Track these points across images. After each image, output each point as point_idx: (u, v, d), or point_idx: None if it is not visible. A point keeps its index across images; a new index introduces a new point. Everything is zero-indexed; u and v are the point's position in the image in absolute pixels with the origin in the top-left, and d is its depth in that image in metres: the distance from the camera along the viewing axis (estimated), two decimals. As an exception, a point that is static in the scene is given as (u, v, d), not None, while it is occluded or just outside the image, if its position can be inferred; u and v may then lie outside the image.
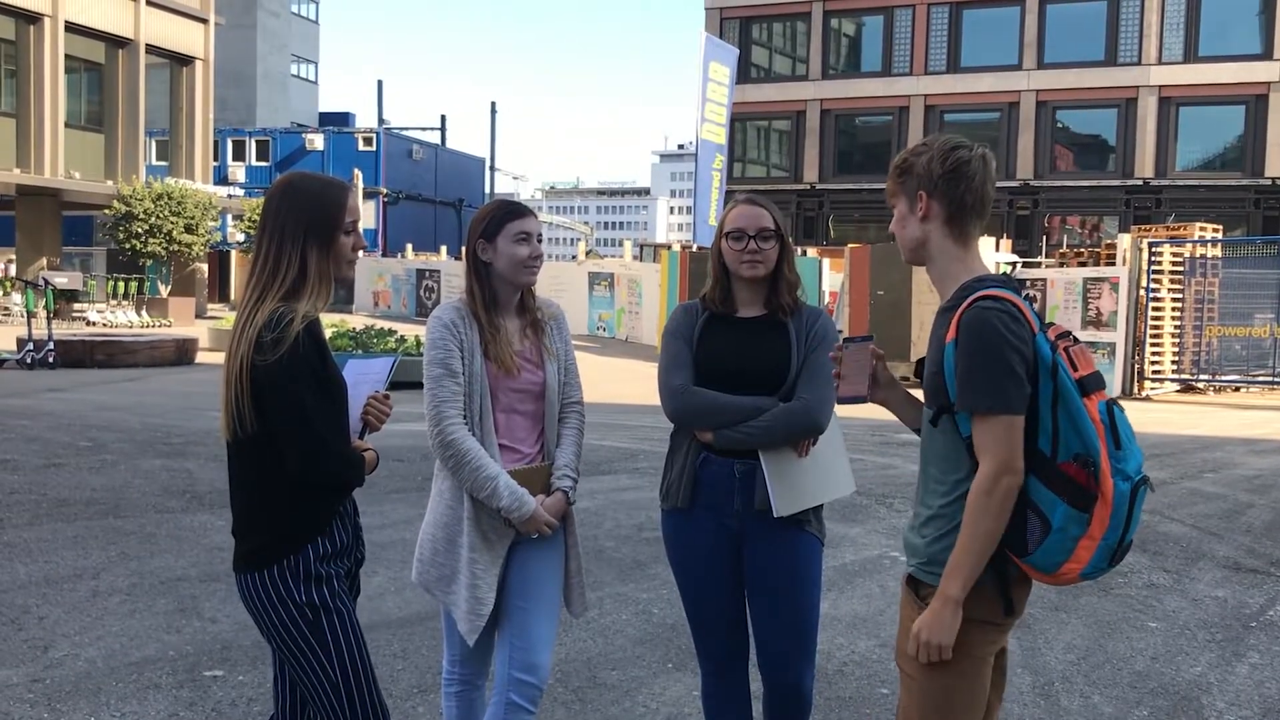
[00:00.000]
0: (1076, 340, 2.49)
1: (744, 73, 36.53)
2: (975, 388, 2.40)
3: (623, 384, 17.80)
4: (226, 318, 28.08)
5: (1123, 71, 35.48)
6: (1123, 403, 15.51)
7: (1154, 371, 18.73)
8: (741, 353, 3.24)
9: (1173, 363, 19.02)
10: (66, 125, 31.87)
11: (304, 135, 52.23)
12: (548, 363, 3.32)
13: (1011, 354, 2.38)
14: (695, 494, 3.27)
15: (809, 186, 39.24)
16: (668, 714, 4.50)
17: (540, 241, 3.32)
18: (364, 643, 2.77)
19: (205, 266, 36.45)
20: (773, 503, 3.19)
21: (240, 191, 43.25)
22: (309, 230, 2.71)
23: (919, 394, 2.79)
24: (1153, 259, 18.64)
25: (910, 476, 9.60)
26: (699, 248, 26.30)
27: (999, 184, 35.56)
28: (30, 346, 18.10)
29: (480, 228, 3.26)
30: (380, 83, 60.07)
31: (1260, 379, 18.95)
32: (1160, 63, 35.10)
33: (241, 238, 39.63)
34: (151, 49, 34.12)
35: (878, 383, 2.78)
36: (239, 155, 51.71)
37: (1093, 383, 2.41)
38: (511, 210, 3.30)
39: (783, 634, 3.29)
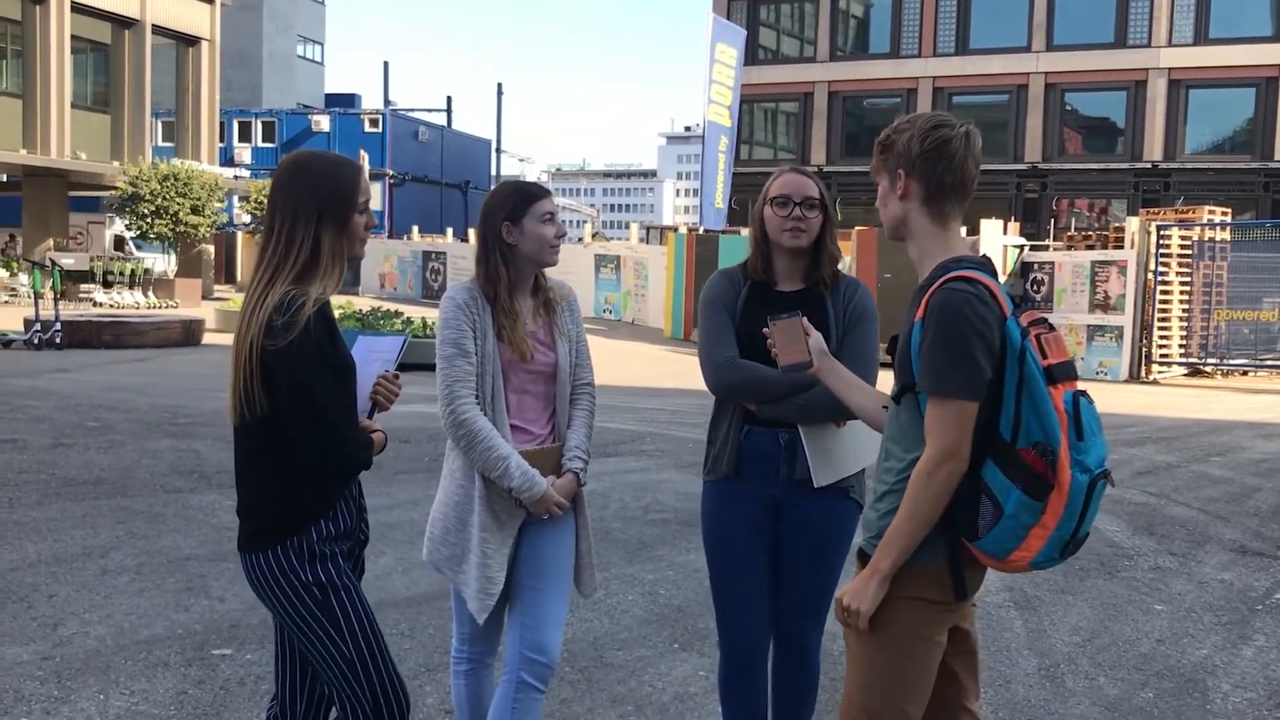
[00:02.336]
0: (1051, 327, 2.46)
1: (751, 54, 36.34)
2: (933, 369, 2.39)
3: (629, 366, 17.81)
4: (233, 299, 28.10)
5: (1132, 54, 35.28)
6: (1130, 386, 15.42)
7: (1161, 355, 18.70)
8: None
9: (1180, 346, 18.99)
10: (73, 106, 31.82)
11: (310, 116, 52.13)
12: (560, 343, 3.32)
13: (975, 338, 2.36)
14: (739, 464, 3.27)
15: (817, 169, 39.07)
16: (674, 694, 4.51)
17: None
18: (374, 617, 2.77)
19: (211, 248, 36.44)
20: (813, 473, 3.22)
21: (246, 173, 43.22)
22: (323, 210, 2.68)
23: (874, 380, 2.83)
24: (1161, 242, 18.58)
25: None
26: (705, 230, 26.26)
27: (1007, 167, 35.51)
28: (37, 327, 18.12)
29: (505, 210, 3.23)
30: (386, 64, 59.89)
31: (1268, 363, 18.93)
32: (1170, 45, 34.89)
33: (248, 219, 39.61)
34: (158, 30, 34.04)
35: (809, 353, 2.88)
36: (245, 136, 51.63)
37: (1062, 372, 2.38)
38: (535, 191, 3.30)
39: (802, 589, 3.30)
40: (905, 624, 2.46)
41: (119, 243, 36.14)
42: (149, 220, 31.47)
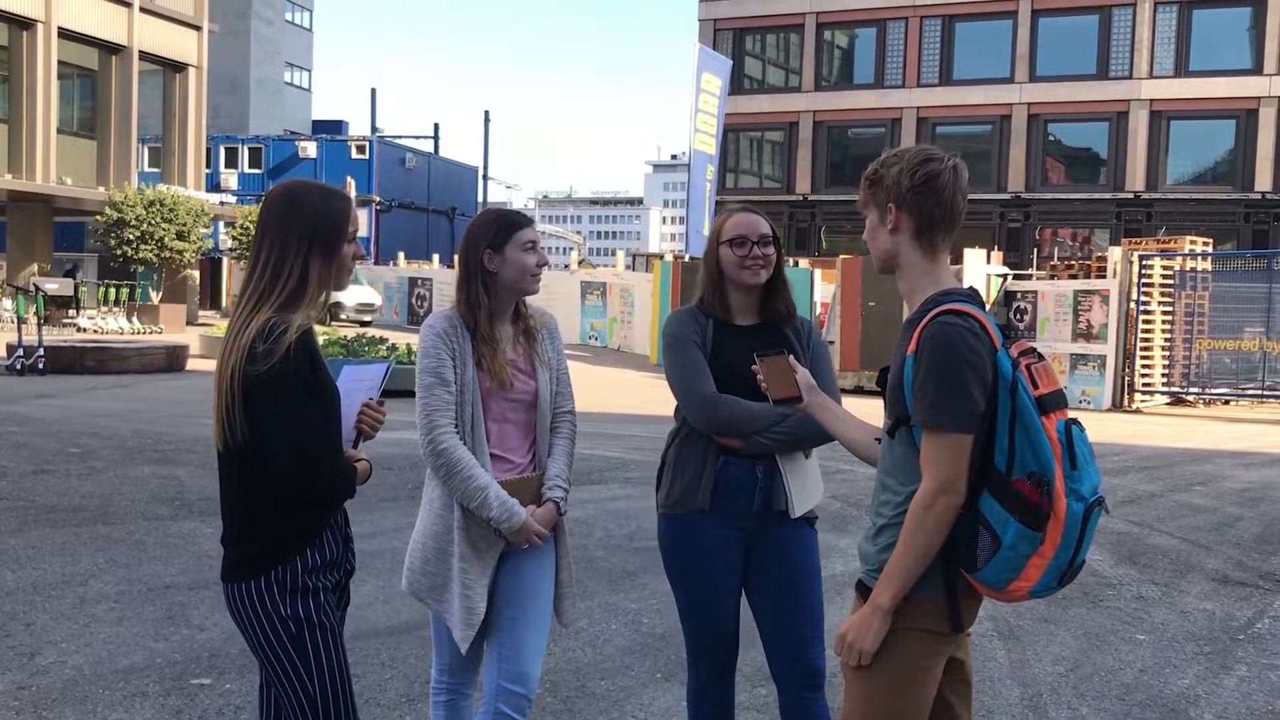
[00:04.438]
0: (1041, 357, 2.48)
1: (737, 84, 36.61)
2: (928, 403, 2.40)
3: (615, 394, 17.80)
4: (218, 325, 28.02)
5: (1114, 85, 35.65)
6: (1113, 415, 15.42)
7: (1144, 384, 18.78)
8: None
9: (1163, 376, 19.08)
10: (59, 131, 31.81)
11: (297, 143, 52.25)
12: (540, 371, 3.32)
13: (968, 371, 2.38)
14: (714, 497, 3.29)
15: (801, 198, 39.33)
16: (657, 724, 4.49)
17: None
18: (345, 660, 2.76)
19: (196, 273, 36.38)
20: (791, 504, 3.28)
21: (233, 199, 43.21)
22: (314, 241, 2.69)
23: (860, 406, 2.85)
24: (1143, 272, 18.70)
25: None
26: (691, 258, 26.35)
27: (991, 196, 35.81)
28: (20, 352, 18.04)
29: (487, 238, 3.25)
30: (374, 91, 60.08)
31: (1249, 392, 19.01)
32: (1151, 76, 35.27)
33: (231, 244, 39.57)
34: (145, 56, 34.09)
35: (799, 388, 2.95)
36: (232, 162, 51.69)
37: (1053, 401, 2.40)
38: (518, 220, 3.32)
39: (802, 620, 3.33)
40: (904, 654, 2.47)
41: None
42: (134, 246, 31.40)
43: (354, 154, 51.58)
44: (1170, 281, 19.14)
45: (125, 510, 8.04)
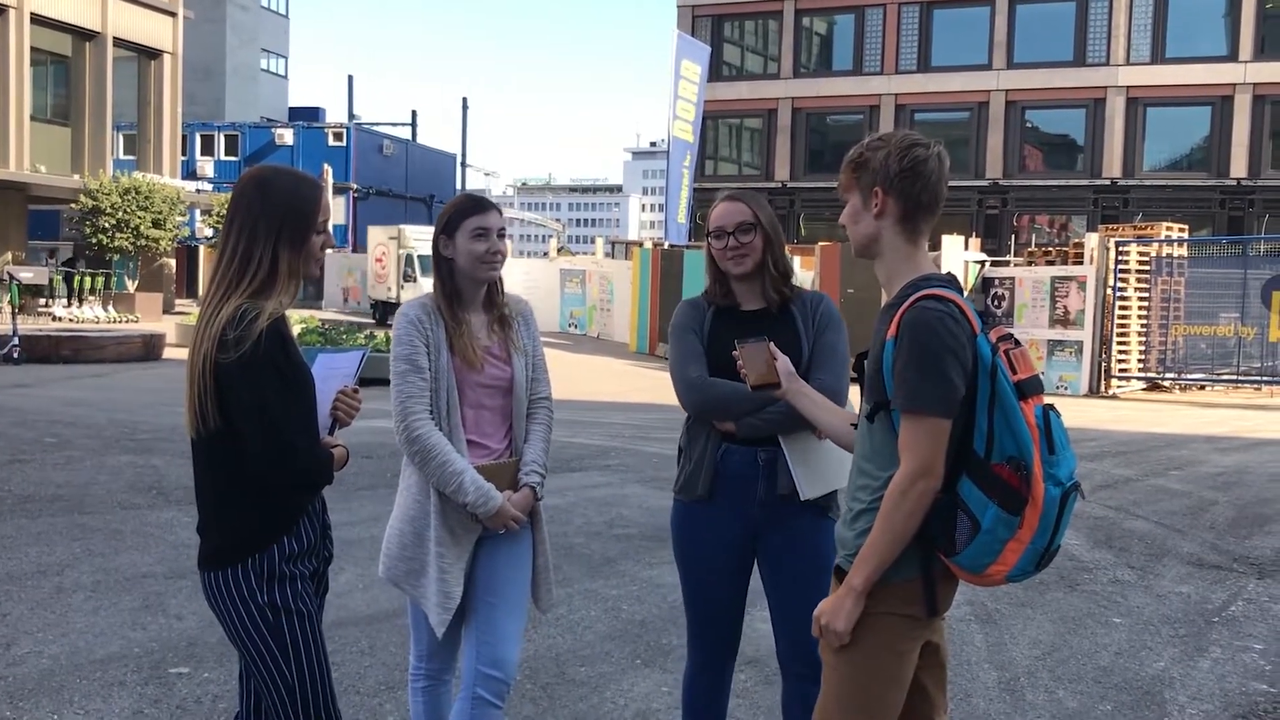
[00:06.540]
0: (1018, 343, 2.49)
1: (716, 71, 36.53)
2: (907, 387, 2.41)
3: (595, 381, 17.80)
4: (194, 313, 27.77)
5: (1091, 72, 35.76)
6: (1090, 401, 15.53)
7: (1120, 370, 18.91)
8: None
9: (1139, 361, 19.21)
10: (32, 118, 31.44)
11: (273, 130, 51.90)
12: (515, 358, 3.31)
13: (948, 356, 2.38)
14: (715, 485, 3.27)
15: (780, 185, 39.32)
16: (636, 710, 4.50)
17: (501, 237, 3.27)
18: (323, 647, 2.75)
19: (173, 261, 36.11)
20: (799, 486, 3.19)
21: (209, 186, 42.93)
22: (282, 228, 2.66)
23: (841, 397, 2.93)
24: (1120, 258, 18.81)
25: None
26: (670, 245, 26.33)
27: (968, 183, 35.82)
28: (-5, 342, 17.92)
29: (441, 224, 3.27)
30: (351, 78, 59.72)
31: (1225, 377, 19.17)
32: (1128, 63, 35.39)
33: (210, 233, 39.31)
34: (119, 42, 33.74)
35: (778, 374, 2.95)
36: (208, 150, 51.33)
37: (1031, 386, 2.41)
38: (471, 206, 3.29)
39: (809, 612, 3.24)
40: (880, 639, 2.48)
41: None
42: (109, 234, 31.14)
43: (331, 141, 51.30)
44: (1147, 267, 19.26)
45: (102, 499, 7.99)
